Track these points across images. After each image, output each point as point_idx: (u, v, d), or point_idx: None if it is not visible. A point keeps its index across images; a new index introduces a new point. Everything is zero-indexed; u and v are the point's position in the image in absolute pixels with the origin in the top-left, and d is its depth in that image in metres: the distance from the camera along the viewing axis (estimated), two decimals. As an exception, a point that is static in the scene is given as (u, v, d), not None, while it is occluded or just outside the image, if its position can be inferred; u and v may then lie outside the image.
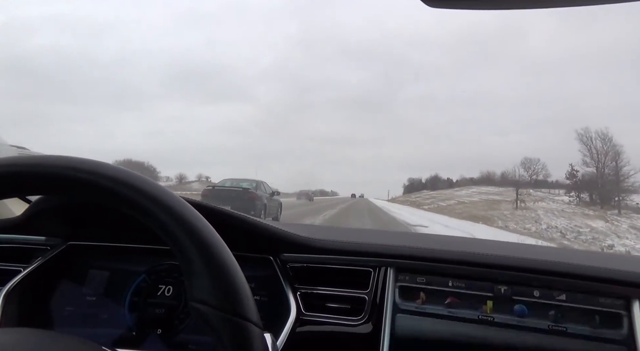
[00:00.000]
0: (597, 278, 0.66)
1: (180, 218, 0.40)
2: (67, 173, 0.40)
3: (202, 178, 78.31)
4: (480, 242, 0.95)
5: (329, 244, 0.78)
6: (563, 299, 0.66)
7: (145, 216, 0.40)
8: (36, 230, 0.81)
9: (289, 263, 0.77)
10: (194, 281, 0.38)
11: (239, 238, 0.68)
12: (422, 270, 0.73)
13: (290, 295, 0.73)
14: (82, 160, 0.41)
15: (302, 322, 0.70)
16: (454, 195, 51.67)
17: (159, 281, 0.78)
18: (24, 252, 0.81)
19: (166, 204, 0.40)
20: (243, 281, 0.39)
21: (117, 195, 0.40)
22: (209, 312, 0.37)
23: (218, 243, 0.40)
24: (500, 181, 52.83)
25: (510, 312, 0.67)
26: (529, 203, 27.35)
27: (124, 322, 0.74)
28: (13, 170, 0.40)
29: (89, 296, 0.77)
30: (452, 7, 0.40)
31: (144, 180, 0.41)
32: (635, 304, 0.64)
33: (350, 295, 0.74)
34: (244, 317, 0.38)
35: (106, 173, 0.40)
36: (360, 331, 0.70)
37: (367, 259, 0.76)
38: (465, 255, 0.72)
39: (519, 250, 0.79)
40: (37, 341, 0.39)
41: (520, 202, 27.06)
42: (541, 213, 23.52)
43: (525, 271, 0.69)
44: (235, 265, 0.40)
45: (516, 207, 26.69)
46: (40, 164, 0.40)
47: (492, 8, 0.41)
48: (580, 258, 0.74)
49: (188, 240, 0.39)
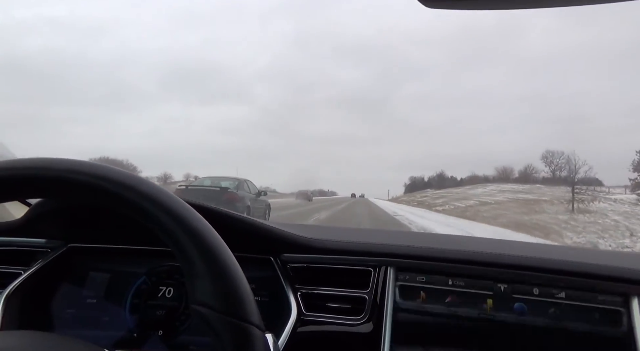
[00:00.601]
0: (596, 276, 0.67)
1: (181, 220, 0.39)
2: (67, 176, 0.39)
3: (191, 178, 72.67)
4: (479, 241, 0.95)
5: (329, 244, 0.78)
6: (562, 297, 0.66)
7: (147, 218, 0.40)
8: (36, 232, 0.81)
9: (289, 264, 0.77)
10: (195, 283, 0.38)
11: (239, 240, 0.68)
12: (422, 269, 0.73)
13: (291, 295, 0.73)
14: (82, 162, 0.41)
15: (303, 322, 0.71)
16: (469, 193, 44.99)
17: (159, 283, 0.77)
18: (24, 255, 0.81)
19: (167, 206, 0.40)
20: (245, 284, 0.39)
21: (118, 197, 0.40)
22: (211, 315, 0.37)
23: (220, 245, 0.40)
24: (520, 178, 46.80)
25: (510, 310, 0.67)
26: (589, 204, 20.59)
27: (125, 324, 0.74)
28: (13, 174, 0.40)
29: (90, 298, 0.77)
30: (449, 7, 0.39)
31: (144, 182, 0.41)
32: (634, 301, 0.64)
33: (351, 294, 0.74)
34: (246, 319, 0.37)
35: (107, 175, 0.40)
36: (361, 330, 0.70)
37: (367, 259, 0.76)
38: (464, 254, 0.72)
39: (518, 248, 0.79)
40: (38, 344, 0.39)
41: (576, 203, 20.33)
42: (619, 218, 17.00)
43: (524, 269, 0.69)
44: (237, 267, 0.40)
45: (572, 209, 20.03)
46: (40, 167, 0.40)
47: (489, 8, 0.39)
48: (579, 256, 0.74)
49: (189, 242, 0.39)
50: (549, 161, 41.93)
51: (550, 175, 40.64)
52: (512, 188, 42.39)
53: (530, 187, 37.85)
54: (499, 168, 64.82)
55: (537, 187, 36.71)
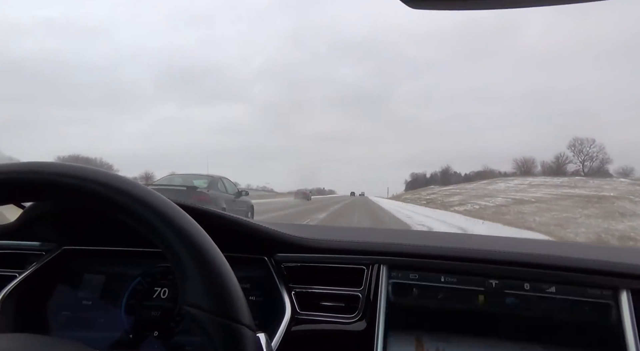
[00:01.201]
0: (586, 270, 0.67)
1: (171, 222, 0.39)
2: (59, 179, 0.40)
3: None
4: (470, 237, 0.96)
5: (323, 243, 0.79)
6: (553, 291, 0.67)
7: (137, 221, 0.40)
8: (31, 235, 0.81)
9: (283, 263, 0.78)
10: (186, 285, 0.38)
11: (232, 240, 0.70)
12: (414, 266, 0.73)
13: (285, 294, 0.73)
14: (73, 166, 0.41)
15: (297, 321, 0.71)
16: (489, 189, 37.66)
17: (154, 284, 0.78)
18: (19, 258, 0.81)
19: (157, 208, 0.40)
20: (235, 284, 0.39)
21: (108, 200, 0.40)
22: (202, 316, 0.37)
23: (210, 246, 0.40)
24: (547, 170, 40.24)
25: (501, 305, 0.68)
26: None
27: (121, 325, 0.74)
28: (5, 178, 0.40)
29: (85, 300, 0.77)
30: (433, 7, 0.39)
31: (134, 185, 0.41)
32: (623, 294, 0.65)
33: (344, 293, 0.74)
34: (237, 320, 0.38)
35: (97, 178, 0.40)
36: (354, 328, 0.70)
37: (360, 257, 0.76)
38: (456, 251, 0.73)
39: (510, 244, 0.80)
40: (34, 347, 0.39)
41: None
42: None
43: (515, 265, 0.70)
44: (228, 268, 0.40)
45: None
46: (32, 171, 0.40)
47: (474, 8, 0.39)
48: (570, 251, 0.75)
49: (179, 244, 0.39)
50: (577, 150, 35.25)
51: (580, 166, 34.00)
52: (545, 182, 34.98)
53: (570, 180, 31.22)
54: (519, 159, 56.93)
55: (582, 180, 30.26)
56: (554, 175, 37.52)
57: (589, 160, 33.72)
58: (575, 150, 34.65)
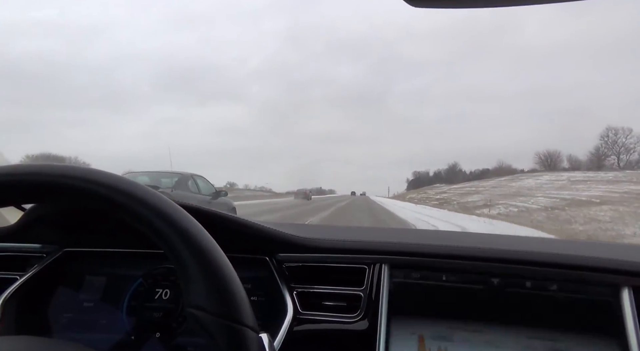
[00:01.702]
0: (587, 268, 0.67)
1: (174, 223, 0.39)
2: (61, 181, 0.40)
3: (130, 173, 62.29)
4: (472, 236, 0.96)
5: (324, 243, 0.79)
6: (554, 289, 0.67)
7: (140, 222, 0.40)
8: (31, 237, 0.81)
9: (284, 263, 0.78)
10: (189, 286, 0.38)
11: (234, 241, 0.70)
12: (416, 265, 0.73)
13: (287, 294, 0.73)
14: (74, 167, 0.41)
15: (299, 321, 0.71)
16: (515, 187, 32.03)
17: (156, 285, 0.78)
18: (20, 260, 0.81)
19: (159, 209, 0.40)
20: (239, 286, 0.39)
21: (110, 201, 0.40)
22: (205, 318, 0.37)
23: (213, 248, 0.40)
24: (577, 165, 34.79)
25: (503, 304, 0.68)
26: None
27: (123, 327, 0.75)
28: (7, 180, 0.40)
29: (87, 302, 0.77)
30: (434, 6, 0.39)
31: (137, 186, 0.41)
32: (624, 291, 0.65)
33: (346, 292, 0.74)
34: (240, 322, 0.37)
35: (99, 180, 0.40)
36: (356, 328, 0.70)
37: (362, 256, 0.76)
38: (457, 249, 0.73)
39: (511, 242, 0.80)
40: (36, 349, 0.39)
41: None
42: None
43: (516, 263, 0.70)
44: (231, 270, 0.40)
45: None
46: (34, 173, 0.40)
47: (473, 6, 0.39)
48: (571, 248, 0.75)
49: (182, 245, 0.39)
50: (610, 141, 29.75)
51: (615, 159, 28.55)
52: (590, 177, 29.58)
53: (624, 174, 25.56)
54: (542, 153, 50.65)
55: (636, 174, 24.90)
56: (596, 169, 31.99)
57: (624, 152, 28.33)
58: (609, 141, 29.23)
